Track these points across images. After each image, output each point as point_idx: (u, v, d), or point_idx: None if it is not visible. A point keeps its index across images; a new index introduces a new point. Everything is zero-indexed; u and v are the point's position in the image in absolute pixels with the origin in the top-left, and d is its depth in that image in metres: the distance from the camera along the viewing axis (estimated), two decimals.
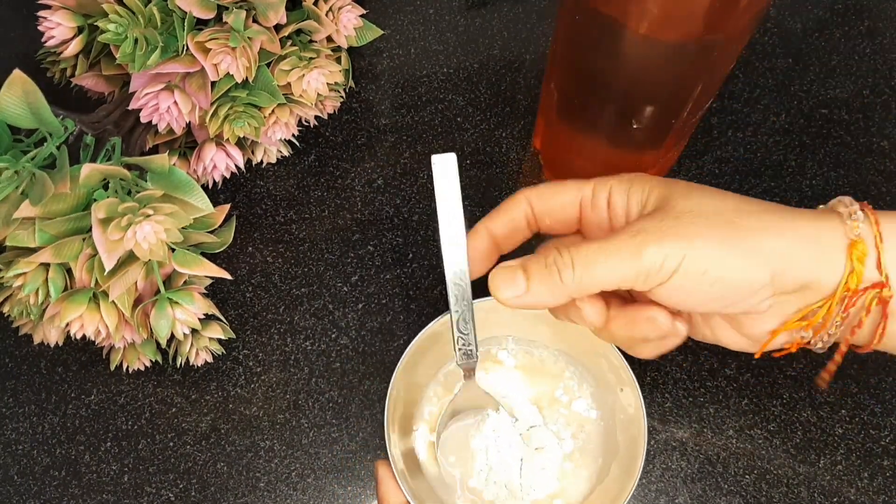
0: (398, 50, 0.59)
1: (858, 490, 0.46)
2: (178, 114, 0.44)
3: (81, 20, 0.44)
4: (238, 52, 0.43)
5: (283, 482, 0.47)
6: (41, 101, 0.39)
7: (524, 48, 0.59)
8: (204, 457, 0.48)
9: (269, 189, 0.55)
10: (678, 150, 0.50)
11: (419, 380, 0.44)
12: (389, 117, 0.57)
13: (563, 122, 0.48)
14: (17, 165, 0.39)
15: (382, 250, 0.53)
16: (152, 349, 0.46)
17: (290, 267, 0.52)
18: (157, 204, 0.39)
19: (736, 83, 0.57)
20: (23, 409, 0.49)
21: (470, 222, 0.53)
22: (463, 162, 0.55)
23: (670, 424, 0.47)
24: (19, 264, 0.39)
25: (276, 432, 0.48)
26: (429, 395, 0.45)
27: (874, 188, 0.53)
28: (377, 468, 0.41)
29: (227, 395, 0.49)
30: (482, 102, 0.57)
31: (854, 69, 0.58)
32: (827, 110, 0.56)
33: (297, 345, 0.50)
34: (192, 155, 0.49)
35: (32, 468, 0.47)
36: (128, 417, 0.49)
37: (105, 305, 0.41)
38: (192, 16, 0.42)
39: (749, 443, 0.47)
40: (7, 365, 0.50)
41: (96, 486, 0.47)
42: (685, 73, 0.40)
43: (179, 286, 0.44)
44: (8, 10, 0.61)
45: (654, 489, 0.46)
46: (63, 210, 0.39)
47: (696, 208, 0.29)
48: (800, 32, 0.59)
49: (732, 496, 0.46)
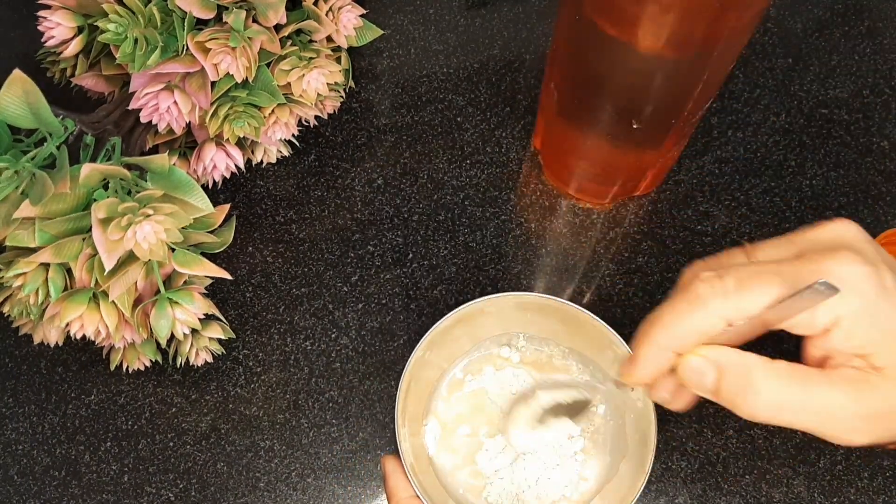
0: (398, 50, 0.59)
1: (858, 490, 0.46)
2: (178, 114, 0.44)
3: (81, 20, 0.44)
4: (238, 52, 0.43)
5: (283, 482, 0.47)
6: (41, 101, 0.39)
7: (524, 48, 0.59)
8: (204, 457, 0.48)
9: (269, 189, 0.55)
10: (678, 150, 0.50)
11: (430, 374, 0.44)
12: (389, 117, 0.57)
13: (563, 122, 0.48)
14: (17, 165, 0.39)
15: (382, 250, 0.53)
16: (152, 349, 0.46)
17: (290, 267, 0.52)
18: (157, 204, 0.39)
19: (736, 83, 0.57)
20: (23, 409, 0.49)
21: (470, 222, 0.53)
22: (463, 162, 0.55)
23: (670, 424, 0.47)
24: (19, 264, 0.39)
25: (276, 432, 0.48)
26: (440, 391, 0.45)
27: (874, 188, 0.53)
28: (385, 463, 0.40)
29: (227, 395, 0.49)
30: (482, 102, 0.57)
31: (854, 69, 0.58)
32: (827, 110, 0.56)
33: (297, 345, 0.50)
34: (192, 155, 0.49)
35: (32, 468, 0.47)
36: (128, 417, 0.49)
37: (105, 305, 0.41)
38: (192, 16, 0.42)
39: (749, 443, 0.47)
40: (7, 365, 0.50)
41: (96, 486, 0.47)
42: (685, 75, 0.40)
43: (179, 286, 0.44)
44: (8, 10, 0.61)
45: (654, 489, 0.46)
46: (63, 210, 0.39)
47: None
48: (800, 32, 0.59)
49: (732, 496, 0.46)
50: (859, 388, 0.27)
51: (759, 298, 0.27)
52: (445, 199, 0.54)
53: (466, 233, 0.53)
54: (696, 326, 0.28)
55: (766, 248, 0.29)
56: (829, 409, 0.27)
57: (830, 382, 0.27)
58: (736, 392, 0.28)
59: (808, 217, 0.53)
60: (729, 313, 0.27)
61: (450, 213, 0.54)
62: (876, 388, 0.27)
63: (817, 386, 0.27)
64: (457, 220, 0.53)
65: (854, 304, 0.26)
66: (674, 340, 0.28)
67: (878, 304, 0.26)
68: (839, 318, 0.27)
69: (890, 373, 0.27)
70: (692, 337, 0.28)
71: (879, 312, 0.26)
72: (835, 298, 0.26)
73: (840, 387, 0.27)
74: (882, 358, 0.27)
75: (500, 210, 0.54)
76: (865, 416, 0.27)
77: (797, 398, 0.27)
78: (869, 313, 0.26)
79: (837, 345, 0.27)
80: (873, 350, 0.27)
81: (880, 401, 0.27)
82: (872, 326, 0.27)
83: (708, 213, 0.53)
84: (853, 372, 0.27)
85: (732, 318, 0.27)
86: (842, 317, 0.27)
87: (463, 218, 0.53)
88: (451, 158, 0.55)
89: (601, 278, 0.52)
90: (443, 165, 0.55)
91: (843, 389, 0.27)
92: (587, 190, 0.53)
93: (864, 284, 0.26)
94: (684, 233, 0.53)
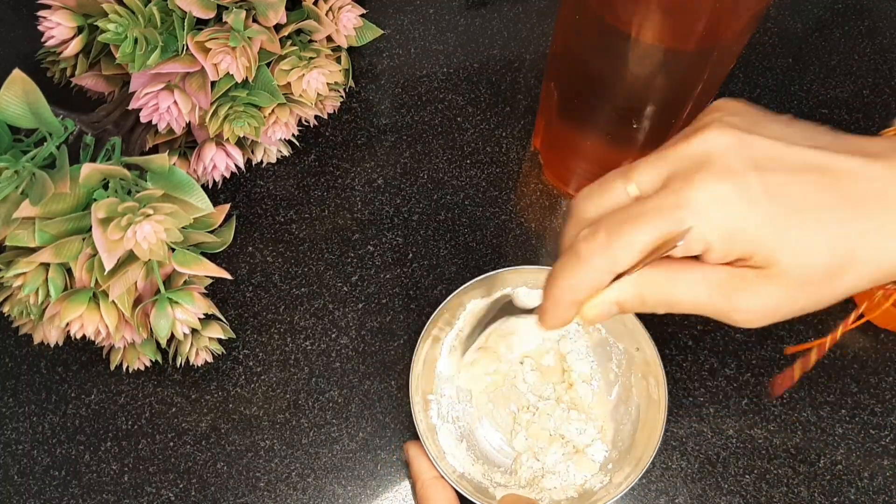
0: (398, 50, 0.59)
1: (858, 490, 0.46)
2: (178, 114, 0.44)
3: (81, 20, 0.44)
4: (238, 51, 0.43)
5: (283, 482, 0.47)
6: (41, 100, 0.39)
7: (524, 48, 0.59)
8: (204, 457, 0.48)
9: (269, 189, 0.55)
10: None
11: (434, 355, 0.46)
12: (389, 117, 0.57)
13: (563, 122, 0.48)
14: (17, 165, 0.39)
15: (382, 250, 0.53)
16: (152, 349, 0.46)
17: (290, 267, 0.52)
18: (157, 204, 0.39)
19: (736, 83, 0.57)
20: (23, 409, 0.49)
21: (471, 222, 0.53)
22: (463, 162, 0.55)
23: (670, 424, 0.47)
24: (19, 264, 0.39)
25: (276, 432, 0.48)
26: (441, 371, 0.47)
27: None
28: (407, 448, 0.43)
29: (227, 395, 0.49)
30: (482, 102, 0.57)
31: (854, 69, 0.58)
32: (827, 110, 0.56)
33: (297, 345, 0.50)
34: (192, 155, 0.49)
35: (32, 468, 0.47)
36: (128, 417, 0.49)
37: (105, 305, 0.41)
38: (192, 16, 0.42)
39: (749, 443, 0.47)
40: (7, 365, 0.50)
41: (96, 486, 0.47)
42: (685, 74, 0.40)
43: (179, 286, 0.44)
44: (8, 10, 0.61)
45: (654, 489, 0.46)
46: (63, 210, 0.39)
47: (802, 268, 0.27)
48: (800, 32, 0.59)
49: (732, 496, 0.46)
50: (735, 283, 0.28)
51: (632, 248, 0.28)
52: (445, 199, 0.54)
53: (466, 233, 0.53)
54: (586, 283, 0.30)
55: (641, 171, 0.30)
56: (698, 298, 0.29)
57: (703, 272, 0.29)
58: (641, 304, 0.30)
59: None
60: (610, 266, 0.29)
61: (450, 213, 0.54)
62: (751, 286, 0.28)
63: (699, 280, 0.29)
64: (457, 220, 0.53)
65: (718, 227, 0.27)
66: (572, 295, 0.30)
67: (744, 216, 0.27)
68: (709, 243, 0.27)
69: (768, 269, 0.28)
70: (586, 292, 0.30)
71: (746, 224, 0.27)
72: (699, 225, 0.27)
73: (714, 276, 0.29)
74: (759, 260, 0.28)
75: (500, 210, 0.54)
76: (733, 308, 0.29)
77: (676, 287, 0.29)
78: (734, 229, 0.27)
79: (714, 261, 0.28)
80: (749, 258, 0.28)
81: (760, 299, 0.28)
82: (742, 240, 0.27)
83: None
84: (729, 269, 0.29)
85: (614, 269, 0.29)
86: (711, 241, 0.27)
87: (463, 218, 0.53)
88: (451, 158, 0.55)
89: None
90: (443, 165, 0.55)
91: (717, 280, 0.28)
92: None
93: (725, 202, 0.27)
94: None
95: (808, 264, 0.27)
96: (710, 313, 0.29)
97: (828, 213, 0.27)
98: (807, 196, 0.27)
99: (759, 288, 0.28)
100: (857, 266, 0.27)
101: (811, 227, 0.27)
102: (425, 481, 0.41)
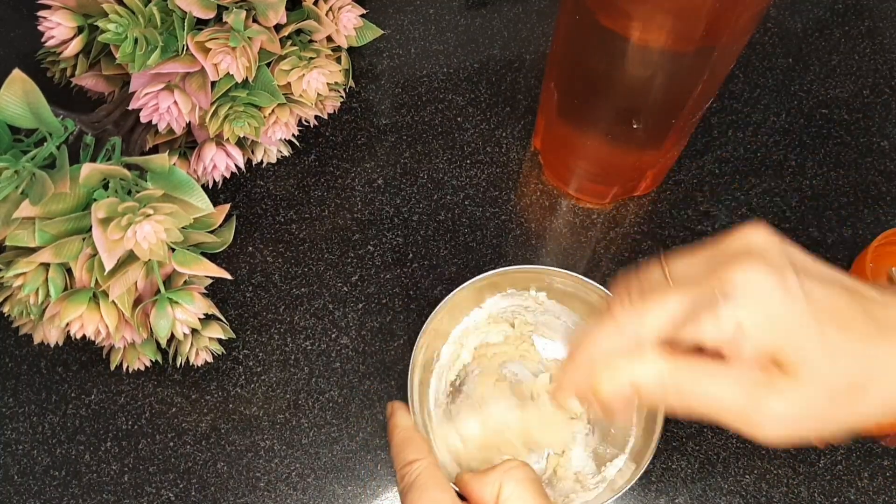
0: (398, 50, 0.59)
1: (858, 490, 0.46)
2: (178, 114, 0.44)
3: (81, 20, 0.44)
4: (238, 51, 0.43)
5: (283, 482, 0.47)
6: (41, 100, 0.39)
7: (524, 48, 0.59)
8: (204, 457, 0.48)
9: (269, 189, 0.55)
10: (678, 149, 0.50)
11: (437, 343, 0.46)
12: (389, 117, 0.57)
13: (563, 122, 0.48)
14: (17, 165, 0.39)
15: (382, 250, 0.53)
16: (152, 349, 0.46)
17: (290, 267, 0.52)
18: (157, 204, 0.39)
19: (736, 83, 0.57)
20: (23, 409, 0.49)
21: (471, 222, 0.53)
22: (463, 162, 0.55)
23: (670, 424, 0.47)
24: (19, 264, 0.39)
25: (276, 432, 0.48)
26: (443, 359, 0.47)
27: (874, 188, 0.53)
28: (390, 404, 0.41)
29: (227, 395, 0.49)
30: (482, 102, 0.57)
31: (854, 69, 0.58)
32: (827, 110, 0.56)
33: (297, 345, 0.50)
34: (192, 155, 0.49)
35: (32, 468, 0.47)
36: (128, 417, 0.49)
37: (105, 305, 0.41)
38: (192, 16, 0.42)
39: (749, 443, 0.47)
40: (7, 365, 0.50)
41: (96, 486, 0.47)
42: (686, 74, 0.40)
43: (179, 286, 0.44)
44: (8, 10, 0.61)
45: (654, 489, 0.46)
46: (63, 210, 0.39)
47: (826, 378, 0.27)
48: (800, 32, 0.59)
49: (732, 496, 0.46)
50: (761, 389, 0.27)
51: (661, 311, 0.28)
52: (445, 199, 0.54)
53: (466, 233, 0.53)
54: (608, 342, 0.29)
55: (678, 264, 0.30)
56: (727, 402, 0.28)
57: (730, 375, 0.28)
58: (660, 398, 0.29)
59: (808, 217, 0.53)
60: (635, 326, 0.28)
61: (450, 213, 0.54)
62: (780, 391, 0.27)
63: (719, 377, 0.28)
64: (457, 220, 0.53)
65: (754, 309, 0.27)
66: (592, 349, 0.30)
67: (781, 307, 0.27)
68: (741, 324, 0.27)
69: (798, 371, 0.27)
70: (605, 352, 0.29)
71: (782, 315, 0.27)
72: (736, 305, 0.26)
73: (740, 382, 0.27)
74: (789, 356, 0.27)
75: (500, 210, 0.54)
76: (773, 417, 0.27)
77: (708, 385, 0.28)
78: (770, 317, 0.27)
79: (745, 352, 0.27)
80: (779, 352, 0.27)
81: (787, 405, 0.27)
82: (776, 330, 0.27)
83: (708, 213, 0.53)
84: (756, 373, 0.28)
85: (639, 331, 0.28)
86: (744, 323, 0.27)
87: (463, 218, 0.53)
88: (451, 158, 0.55)
89: (601, 278, 0.52)
90: (443, 165, 0.55)
91: (742, 385, 0.27)
92: (587, 190, 0.53)
93: (764, 289, 0.27)
94: (684, 233, 0.53)
95: (836, 372, 0.27)
96: (732, 418, 0.28)
97: (858, 327, 0.27)
98: (840, 307, 0.27)
99: (788, 393, 0.27)
100: (875, 388, 0.27)
101: (842, 335, 0.27)
102: (402, 430, 0.39)
